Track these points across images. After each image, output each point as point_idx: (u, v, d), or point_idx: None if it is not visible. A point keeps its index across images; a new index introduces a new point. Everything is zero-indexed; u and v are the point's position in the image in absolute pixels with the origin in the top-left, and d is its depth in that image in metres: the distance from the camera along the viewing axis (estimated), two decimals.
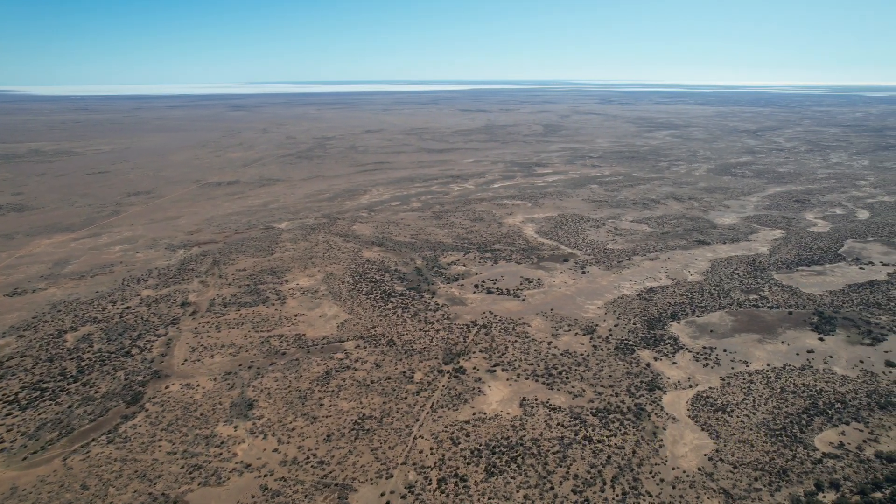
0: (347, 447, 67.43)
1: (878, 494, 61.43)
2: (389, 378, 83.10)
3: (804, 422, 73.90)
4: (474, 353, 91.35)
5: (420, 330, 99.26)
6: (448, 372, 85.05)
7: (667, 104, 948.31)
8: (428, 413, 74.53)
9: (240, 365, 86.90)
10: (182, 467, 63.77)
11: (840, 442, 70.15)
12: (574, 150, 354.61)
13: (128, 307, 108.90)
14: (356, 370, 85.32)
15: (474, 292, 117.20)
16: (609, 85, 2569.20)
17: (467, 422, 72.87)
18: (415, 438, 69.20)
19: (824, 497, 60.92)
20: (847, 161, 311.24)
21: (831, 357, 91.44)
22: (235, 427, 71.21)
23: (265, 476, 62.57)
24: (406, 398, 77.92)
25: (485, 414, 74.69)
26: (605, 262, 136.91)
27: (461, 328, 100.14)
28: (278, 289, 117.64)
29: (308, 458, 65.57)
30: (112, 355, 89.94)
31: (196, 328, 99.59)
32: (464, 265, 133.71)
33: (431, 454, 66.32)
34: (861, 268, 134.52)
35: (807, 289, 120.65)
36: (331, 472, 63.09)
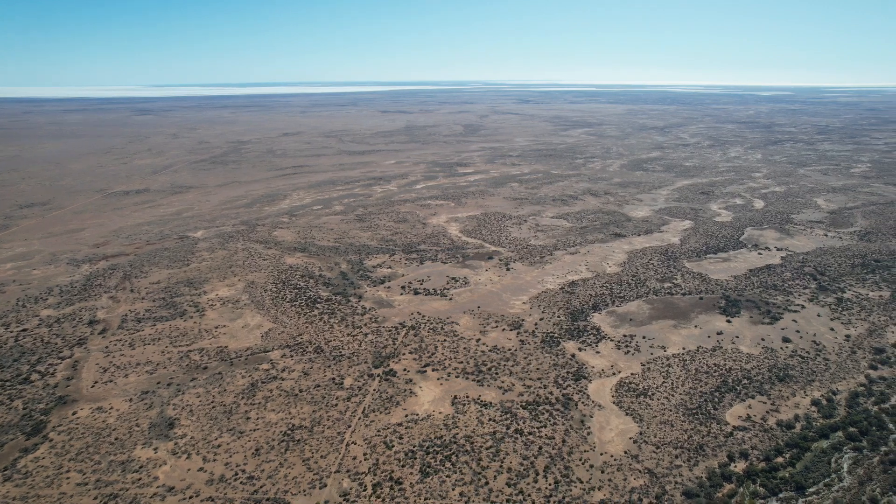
0: (278, 460, 65.45)
1: (780, 459, 67.11)
2: (318, 386, 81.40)
3: (716, 399, 79.06)
4: (404, 354, 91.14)
5: (348, 335, 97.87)
6: (378, 375, 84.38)
7: (581, 103, 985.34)
8: (360, 418, 73.62)
9: (158, 383, 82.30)
10: (95, 498, 59.55)
11: (747, 415, 75.62)
12: (494, 149, 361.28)
13: (24, 329, 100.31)
14: (283, 380, 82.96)
15: (401, 294, 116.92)
16: (525, 85, 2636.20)
17: (400, 424, 72.60)
18: (347, 445, 68.17)
19: (735, 467, 65.56)
20: (743, 155, 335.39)
21: (738, 337, 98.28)
22: (155, 449, 67.37)
23: (190, 498, 59.63)
24: (336, 405, 76.61)
25: (417, 415, 74.69)
26: (528, 258, 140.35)
27: (390, 331, 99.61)
28: (196, 300, 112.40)
29: (236, 474, 63.09)
30: (6, 383, 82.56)
31: (107, 347, 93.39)
32: (390, 267, 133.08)
33: (365, 460, 65.57)
34: (759, 253, 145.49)
35: (714, 275, 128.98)
36: (262, 488, 61.02)
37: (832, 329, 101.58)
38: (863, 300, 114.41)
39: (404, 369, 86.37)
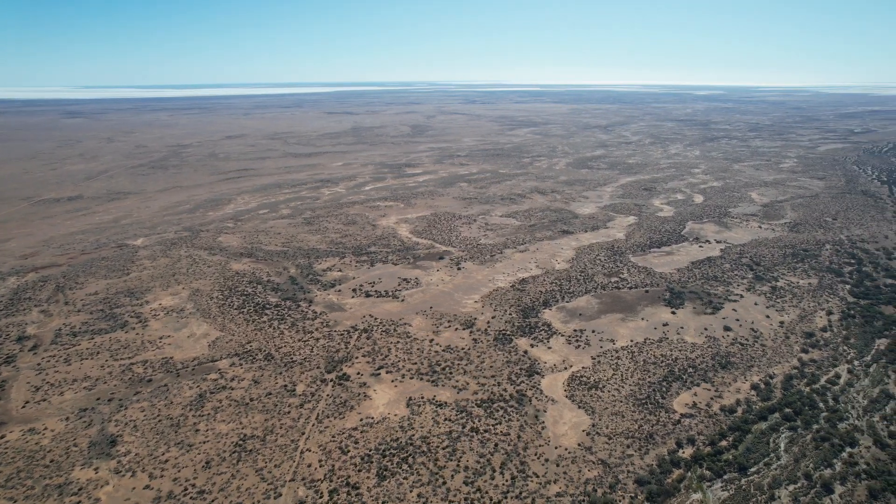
0: (230, 472, 63.60)
1: (724, 443, 70.04)
2: (270, 394, 79.59)
3: (664, 388, 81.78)
4: (357, 358, 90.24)
5: (299, 340, 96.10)
6: (332, 380, 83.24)
7: (526, 103, 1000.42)
8: (314, 425, 72.41)
9: (98, 399, 78.55)
10: None
11: (693, 402, 78.58)
12: (442, 149, 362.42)
13: None
14: (233, 389, 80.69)
15: (353, 297, 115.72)
16: (471, 85, 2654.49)
17: (355, 428, 71.84)
18: (302, 453, 66.93)
19: (683, 453, 68.02)
20: (683, 152, 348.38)
21: (682, 328, 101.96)
22: (96, 469, 64.22)
23: None
24: (289, 412, 75.11)
25: (372, 418, 74.09)
26: (478, 257, 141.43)
27: (342, 334, 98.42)
28: (138, 311, 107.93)
29: (186, 489, 60.91)
30: None
31: (39, 364, 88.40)
32: (340, 270, 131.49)
33: (321, 466, 64.55)
34: (700, 246, 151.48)
35: (659, 268, 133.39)
36: (213, 501, 59.14)
37: (768, 316, 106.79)
38: (794, 288, 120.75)
39: (358, 373, 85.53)
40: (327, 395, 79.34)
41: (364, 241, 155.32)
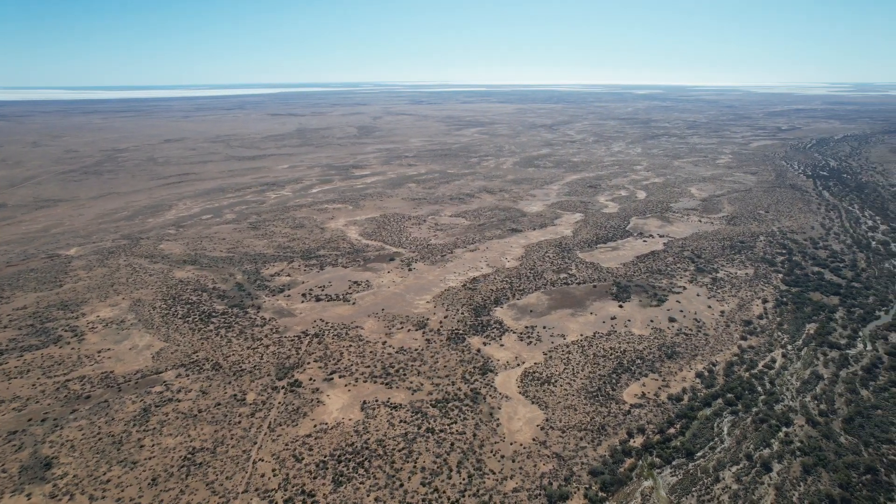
0: (178, 487, 61.22)
1: (672, 430, 72.46)
2: (219, 404, 77.13)
3: (614, 380, 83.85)
4: (309, 363, 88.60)
5: (248, 348, 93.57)
6: (283, 387, 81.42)
7: (472, 103, 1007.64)
8: (266, 434, 70.62)
9: (29, 420, 74.10)
10: None
11: (642, 392, 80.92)
12: (390, 150, 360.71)
13: None
14: (180, 401, 77.76)
15: (302, 301, 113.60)
16: (418, 86, 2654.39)
17: (309, 435, 70.49)
18: (254, 463, 65.13)
19: (634, 442, 69.92)
20: (625, 149, 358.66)
21: (629, 321, 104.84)
22: (28, 495, 60.48)
23: None
24: (240, 422, 72.99)
25: (326, 424, 72.89)
26: (429, 257, 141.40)
27: (292, 340, 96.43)
28: (73, 324, 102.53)
29: None
30: None
31: None
32: (288, 275, 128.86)
33: (274, 476, 62.99)
34: (644, 241, 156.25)
35: (606, 263, 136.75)
36: None
37: (709, 307, 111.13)
38: (733, 278, 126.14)
39: (310, 379, 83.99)
40: (279, 403, 77.54)
41: (313, 244, 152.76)
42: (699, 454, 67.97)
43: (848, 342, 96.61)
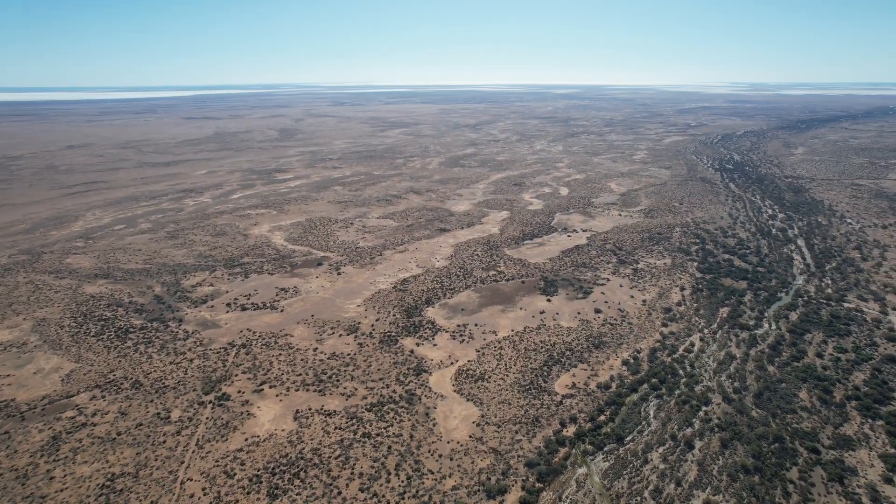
0: None
1: (602, 417, 75.00)
2: (141, 425, 72.80)
3: (545, 373, 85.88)
4: (237, 375, 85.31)
5: (171, 363, 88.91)
6: (210, 402, 77.94)
7: (396, 104, 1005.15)
8: (194, 452, 67.33)
9: None
10: None
11: (573, 383, 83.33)
12: (313, 153, 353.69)
13: None
14: (95, 425, 72.77)
15: (228, 311, 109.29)
16: (340, 87, 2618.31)
17: (240, 450, 67.82)
18: (182, 483, 61.93)
19: (567, 431, 71.90)
20: (547, 147, 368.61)
21: (558, 314, 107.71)
22: None
23: None
24: (164, 442, 69.20)
25: (258, 437, 70.40)
26: (358, 260, 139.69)
27: (218, 352, 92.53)
28: None
29: None
30: None
31: None
32: (211, 285, 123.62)
33: (205, 495, 60.16)
34: (569, 236, 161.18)
35: (533, 259, 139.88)
36: None
37: (632, 296, 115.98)
38: (652, 268, 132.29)
39: (239, 391, 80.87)
40: (207, 419, 74.16)
41: (236, 252, 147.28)
42: (628, 438, 70.76)
43: (756, 323, 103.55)
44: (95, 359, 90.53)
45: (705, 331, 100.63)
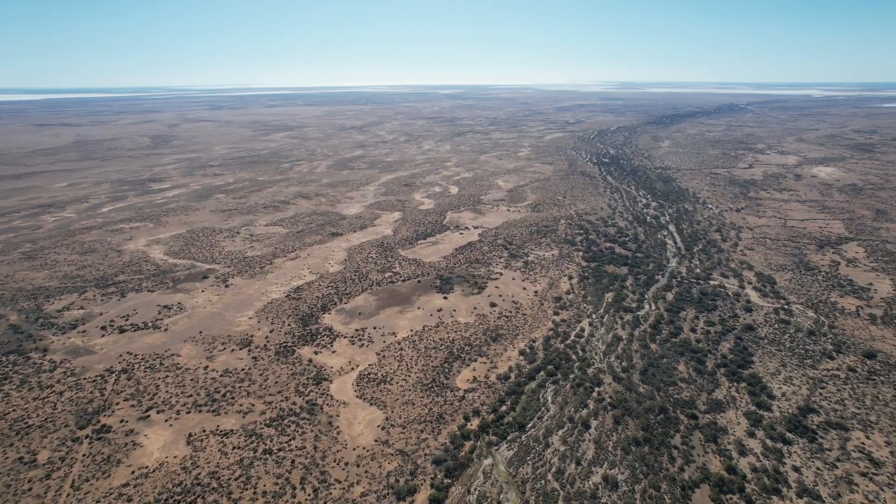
0: None
1: (504, 408, 77.02)
2: None
3: (447, 370, 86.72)
4: (118, 404, 78.23)
5: (35, 399, 79.68)
6: (87, 437, 70.81)
7: (278, 107, 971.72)
8: (69, 495, 60.77)
9: None
10: None
11: (473, 377, 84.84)
12: (191, 160, 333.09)
13: None
14: None
15: (103, 336, 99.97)
16: (216, 90, 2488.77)
17: (126, 484, 62.22)
18: None
19: (471, 425, 73.07)
20: (435, 147, 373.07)
21: (455, 310, 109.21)
22: None
23: None
24: (31, 489, 61.86)
25: (147, 467, 64.98)
26: (247, 270, 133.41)
27: (94, 381, 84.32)
28: None
29: None
30: None
31: None
32: (82, 307, 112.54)
33: None
34: (461, 233, 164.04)
35: (427, 258, 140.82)
36: None
37: (524, 288, 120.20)
38: (542, 260, 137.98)
39: (121, 420, 74.18)
40: (84, 456, 67.26)
41: (109, 270, 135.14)
42: (530, 425, 73.21)
43: (638, 305, 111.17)
44: None
45: (593, 316, 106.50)
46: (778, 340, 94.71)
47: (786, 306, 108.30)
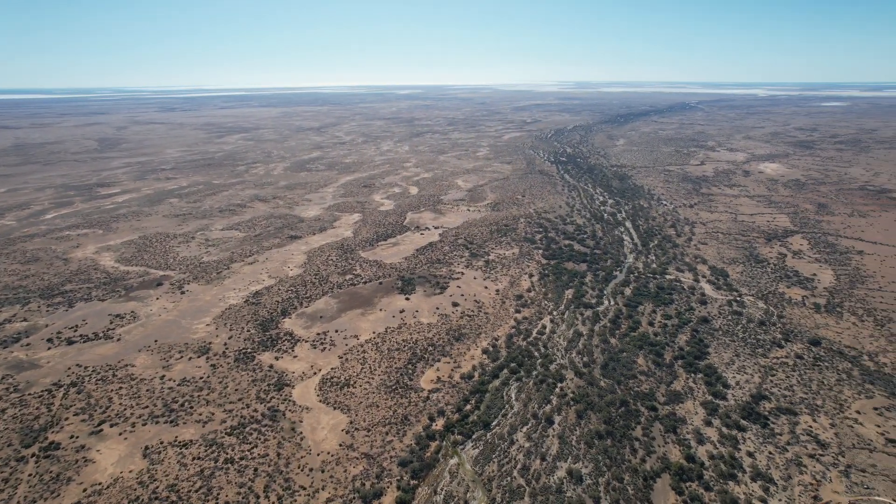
0: None
1: (468, 407, 77.21)
2: None
3: (410, 371, 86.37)
4: (67, 419, 75.02)
5: None
6: (34, 455, 67.63)
7: (232, 108, 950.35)
8: None
9: None
10: None
11: (437, 377, 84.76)
12: (142, 163, 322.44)
13: None
14: None
15: (49, 348, 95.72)
16: (167, 91, 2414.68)
17: (78, 503, 59.63)
18: None
19: (437, 425, 72.99)
20: (394, 148, 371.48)
21: (417, 311, 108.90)
22: None
23: None
24: None
25: (101, 484, 62.50)
26: (203, 276, 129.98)
27: (40, 396, 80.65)
28: None
29: None
30: None
31: None
32: (25, 319, 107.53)
33: None
34: (422, 234, 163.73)
35: (388, 259, 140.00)
36: None
37: (486, 287, 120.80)
38: (503, 259, 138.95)
39: (71, 436, 71.14)
40: (30, 476, 64.19)
41: (55, 279, 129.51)
42: (494, 423, 73.57)
43: (597, 301, 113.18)
44: None
45: (554, 313, 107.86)
46: (731, 331, 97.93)
47: (738, 298, 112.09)
